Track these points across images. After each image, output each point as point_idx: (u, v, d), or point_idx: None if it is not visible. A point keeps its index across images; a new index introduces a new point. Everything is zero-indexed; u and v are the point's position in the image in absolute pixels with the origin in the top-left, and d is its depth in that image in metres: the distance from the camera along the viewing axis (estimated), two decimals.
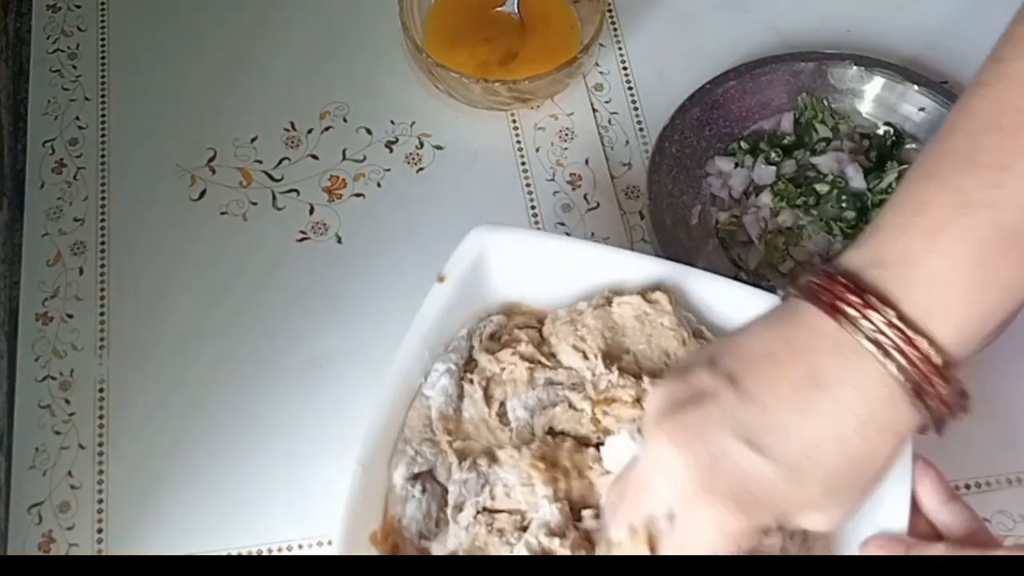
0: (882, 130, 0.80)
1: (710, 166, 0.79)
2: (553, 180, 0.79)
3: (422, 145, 0.81)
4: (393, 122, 0.82)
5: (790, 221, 0.76)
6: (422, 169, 0.80)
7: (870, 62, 0.80)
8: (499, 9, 0.84)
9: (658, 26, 0.86)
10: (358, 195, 0.79)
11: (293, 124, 0.81)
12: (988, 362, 0.71)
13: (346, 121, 0.82)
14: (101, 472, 0.69)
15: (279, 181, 0.79)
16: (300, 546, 0.67)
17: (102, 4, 0.86)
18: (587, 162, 0.80)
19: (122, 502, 0.68)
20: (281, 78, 0.83)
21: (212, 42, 0.85)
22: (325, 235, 0.77)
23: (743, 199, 0.78)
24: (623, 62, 0.84)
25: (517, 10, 0.84)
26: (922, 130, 0.79)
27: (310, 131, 0.81)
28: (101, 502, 0.68)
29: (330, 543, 0.67)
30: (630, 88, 0.83)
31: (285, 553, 0.66)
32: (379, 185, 0.79)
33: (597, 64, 0.84)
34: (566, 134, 0.81)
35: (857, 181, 0.77)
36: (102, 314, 0.74)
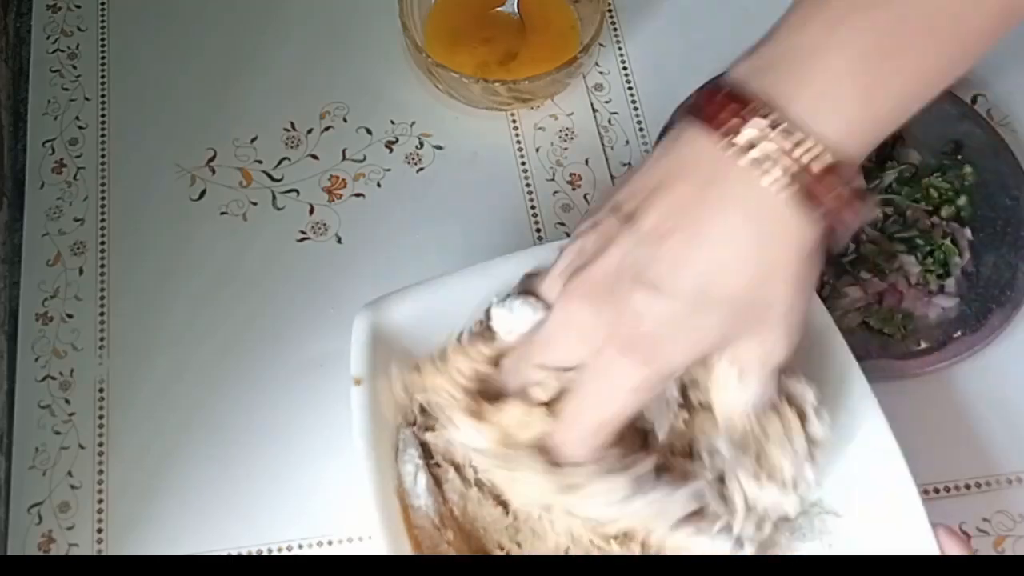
0: None
1: None
2: (553, 180, 0.80)
3: (422, 145, 0.81)
4: (393, 122, 0.82)
5: None
6: (422, 169, 0.80)
7: None
8: (499, 9, 0.84)
9: (658, 26, 0.86)
10: (358, 195, 0.79)
11: (293, 124, 0.81)
12: (988, 362, 0.71)
13: (346, 121, 0.82)
14: (101, 472, 0.69)
15: (279, 181, 0.79)
16: (300, 546, 0.67)
17: (102, 4, 0.86)
18: (587, 162, 0.80)
19: (122, 502, 0.68)
20: (281, 78, 0.83)
21: (212, 42, 0.85)
22: (325, 235, 0.77)
23: None
24: (623, 62, 0.84)
25: (517, 10, 0.84)
26: (922, 130, 0.79)
27: (310, 131, 0.81)
28: (101, 502, 0.68)
29: (330, 543, 0.67)
30: (630, 88, 0.83)
31: (285, 553, 0.67)
32: (379, 185, 0.79)
33: (597, 64, 0.84)
34: (566, 134, 0.81)
35: None
36: (102, 314, 0.74)
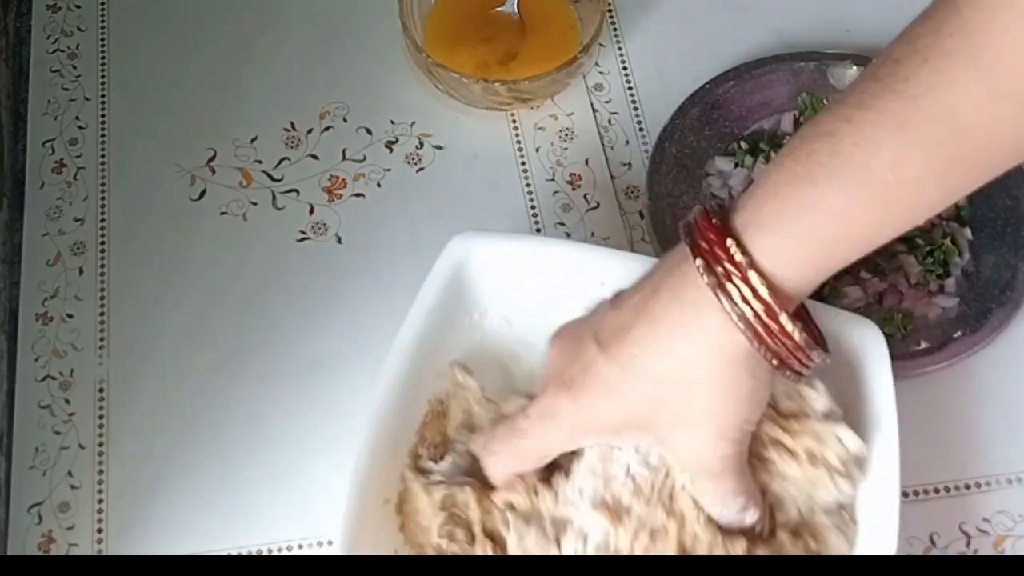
0: None
1: (710, 166, 0.79)
2: (553, 180, 0.80)
3: (422, 145, 0.81)
4: (393, 122, 0.82)
5: None
6: (422, 169, 0.80)
7: (870, 62, 0.80)
8: (499, 9, 0.84)
9: (658, 26, 0.86)
10: (358, 195, 0.79)
11: (293, 124, 0.81)
12: (988, 362, 0.71)
13: (346, 121, 0.82)
14: (101, 472, 0.69)
15: (279, 181, 0.79)
16: (300, 546, 0.67)
17: (102, 4, 0.86)
18: (587, 162, 0.80)
19: (122, 502, 0.68)
20: (281, 78, 0.83)
21: (212, 42, 0.85)
22: (325, 235, 0.77)
23: None
24: (623, 62, 0.84)
25: (517, 10, 0.84)
26: None
27: (310, 131, 0.81)
28: (101, 502, 0.68)
29: (330, 543, 0.67)
30: (630, 88, 0.83)
31: (285, 553, 0.66)
32: (379, 185, 0.79)
33: (597, 64, 0.84)
34: (566, 134, 0.81)
35: None
36: (102, 314, 0.74)
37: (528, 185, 0.79)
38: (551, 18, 0.84)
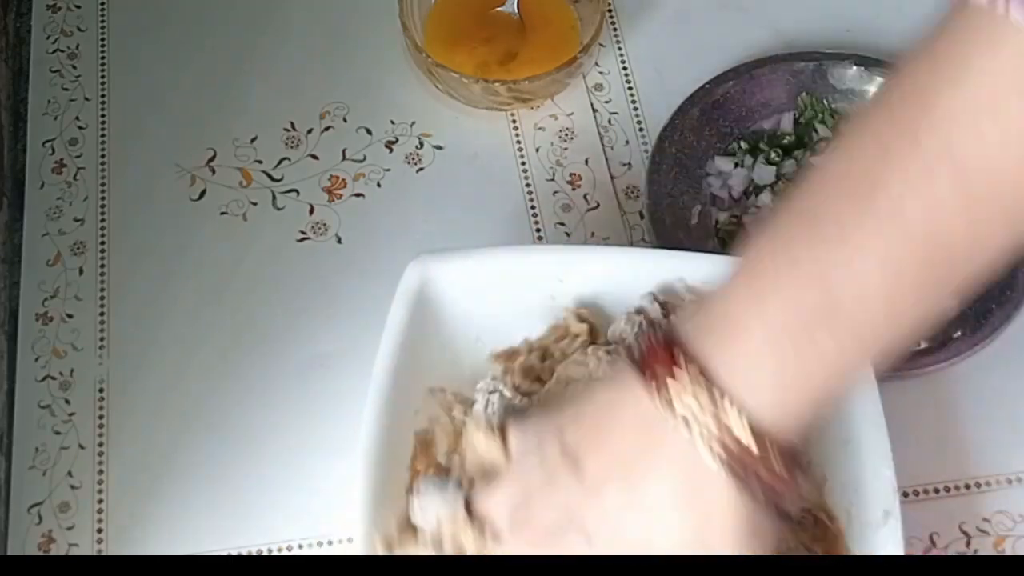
0: None
1: (710, 166, 0.79)
2: (553, 180, 0.80)
3: (422, 145, 0.81)
4: (393, 122, 0.82)
5: None
6: (422, 169, 0.80)
7: (870, 62, 0.80)
8: (499, 9, 0.84)
9: (658, 26, 0.86)
10: (358, 195, 0.79)
11: (293, 124, 0.81)
12: (988, 362, 0.71)
13: (346, 121, 0.82)
14: (101, 472, 0.69)
15: (279, 181, 0.79)
16: (300, 546, 0.67)
17: (102, 4, 0.86)
18: (587, 162, 0.80)
19: (122, 502, 0.68)
20: (281, 78, 0.83)
21: (212, 42, 0.85)
22: (325, 235, 0.77)
23: (743, 199, 0.78)
24: (623, 62, 0.84)
25: (517, 10, 0.84)
26: None
27: (310, 131, 0.81)
28: (101, 502, 0.68)
29: (330, 543, 0.67)
30: (630, 88, 0.83)
31: (285, 553, 0.66)
32: (379, 185, 0.79)
33: (597, 64, 0.84)
34: (566, 134, 0.81)
35: None
36: (102, 314, 0.74)
37: (528, 185, 0.79)
38: (551, 18, 0.84)
